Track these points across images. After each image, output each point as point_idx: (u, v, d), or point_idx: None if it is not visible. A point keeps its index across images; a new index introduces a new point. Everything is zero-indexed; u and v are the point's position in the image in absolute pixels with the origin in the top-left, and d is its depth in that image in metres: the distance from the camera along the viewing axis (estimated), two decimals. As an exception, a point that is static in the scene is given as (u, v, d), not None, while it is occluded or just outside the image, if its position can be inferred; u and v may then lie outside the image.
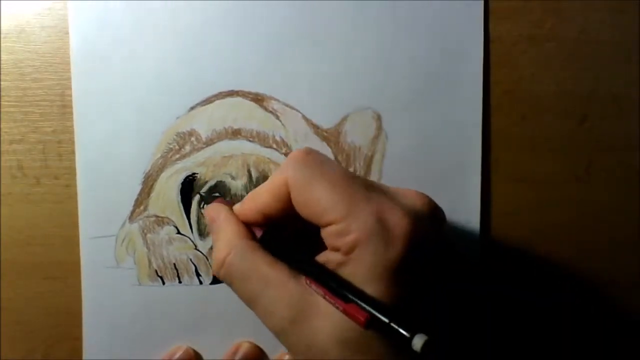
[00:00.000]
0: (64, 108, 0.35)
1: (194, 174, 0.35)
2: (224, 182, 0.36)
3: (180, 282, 0.36)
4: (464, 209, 0.36)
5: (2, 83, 0.35)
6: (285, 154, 0.36)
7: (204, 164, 0.35)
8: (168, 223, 0.36)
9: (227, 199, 0.36)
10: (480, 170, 0.36)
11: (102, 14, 0.35)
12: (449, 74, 0.36)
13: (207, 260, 0.36)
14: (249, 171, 0.35)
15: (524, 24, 0.36)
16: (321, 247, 0.27)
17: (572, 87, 0.36)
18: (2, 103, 0.35)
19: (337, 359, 0.24)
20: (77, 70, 0.35)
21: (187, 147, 0.35)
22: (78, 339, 0.36)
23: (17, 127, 0.35)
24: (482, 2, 0.35)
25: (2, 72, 0.35)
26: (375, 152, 0.36)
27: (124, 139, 0.35)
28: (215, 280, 0.36)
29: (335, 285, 0.25)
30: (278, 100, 0.35)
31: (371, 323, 0.23)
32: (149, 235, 0.36)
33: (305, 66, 0.35)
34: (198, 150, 0.35)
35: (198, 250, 0.36)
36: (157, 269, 0.36)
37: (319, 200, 0.26)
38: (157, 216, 0.36)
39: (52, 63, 0.35)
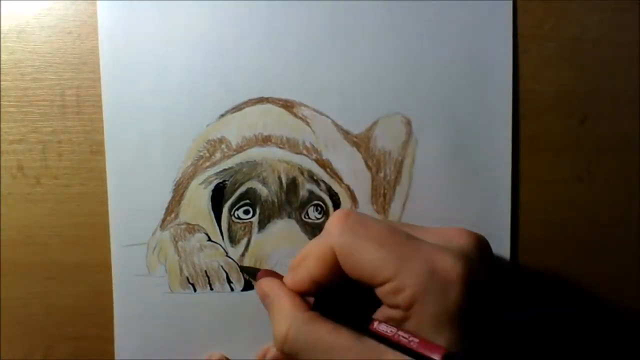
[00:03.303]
0: (64, 108, 0.35)
1: (225, 181, 0.35)
2: (255, 189, 0.35)
3: (211, 289, 0.36)
4: (494, 212, 0.36)
5: (2, 83, 0.35)
6: (316, 160, 0.35)
7: (234, 171, 0.35)
8: (199, 230, 0.36)
9: (258, 205, 0.35)
10: (511, 174, 0.36)
11: (132, 20, 0.35)
12: (479, 77, 0.35)
13: (238, 266, 0.36)
14: (279, 178, 0.35)
15: (524, 23, 0.36)
16: (376, 303, 0.27)
17: (572, 87, 0.36)
18: (2, 103, 0.35)
19: None
20: (107, 77, 0.35)
21: (218, 155, 0.35)
22: (78, 338, 0.36)
23: (17, 127, 0.35)
24: (511, 2, 0.35)
25: (2, 72, 0.35)
26: (405, 157, 0.36)
27: (154, 146, 0.35)
28: (247, 287, 0.36)
29: (404, 331, 0.25)
30: (308, 107, 0.35)
31: (449, 357, 0.23)
32: (180, 242, 0.36)
33: (335, 72, 0.35)
34: (228, 157, 0.35)
35: (229, 257, 0.36)
36: (188, 276, 0.36)
37: (368, 262, 0.26)
38: (188, 224, 0.36)
39: (52, 63, 0.35)
